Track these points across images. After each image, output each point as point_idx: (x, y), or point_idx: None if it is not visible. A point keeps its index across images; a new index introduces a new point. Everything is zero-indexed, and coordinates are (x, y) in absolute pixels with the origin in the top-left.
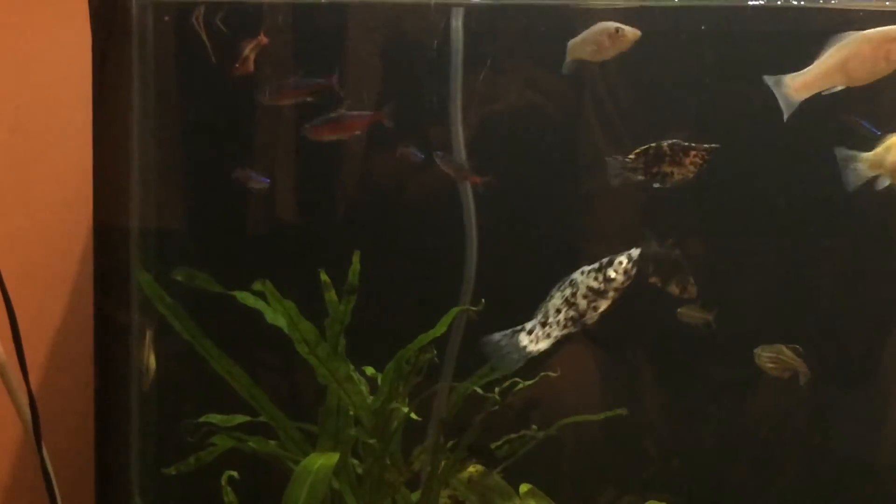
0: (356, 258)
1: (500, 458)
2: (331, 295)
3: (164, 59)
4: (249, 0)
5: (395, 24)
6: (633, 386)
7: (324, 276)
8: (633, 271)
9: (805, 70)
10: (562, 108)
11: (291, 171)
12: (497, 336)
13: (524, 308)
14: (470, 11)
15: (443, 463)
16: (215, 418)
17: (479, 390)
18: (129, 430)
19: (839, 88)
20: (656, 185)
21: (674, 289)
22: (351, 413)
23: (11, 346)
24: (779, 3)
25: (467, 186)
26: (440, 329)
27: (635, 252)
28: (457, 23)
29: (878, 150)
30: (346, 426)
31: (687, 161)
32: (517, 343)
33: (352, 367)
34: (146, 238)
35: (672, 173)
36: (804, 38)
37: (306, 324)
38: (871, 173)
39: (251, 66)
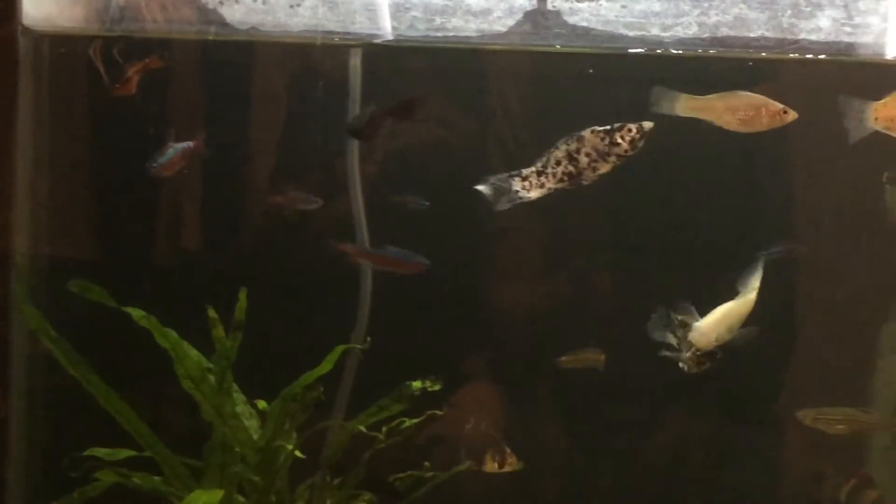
0: (243, 295)
1: (398, 492)
2: (218, 331)
3: (60, 91)
4: (147, 35)
5: (292, 62)
6: (533, 425)
7: (211, 313)
8: (641, 143)
9: None
10: (463, 144)
11: (189, 202)
12: (493, 178)
13: (420, 346)
14: (368, 51)
15: (328, 501)
16: (100, 452)
17: (364, 429)
18: (9, 464)
19: None
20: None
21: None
22: (237, 450)
23: None
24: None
25: (362, 219)
26: (326, 366)
27: (648, 125)
28: (355, 62)
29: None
30: (231, 462)
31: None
32: (510, 187)
33: (244, 399)
34: (37, 267)
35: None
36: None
37: (192, 359)
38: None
39: (133, 88)
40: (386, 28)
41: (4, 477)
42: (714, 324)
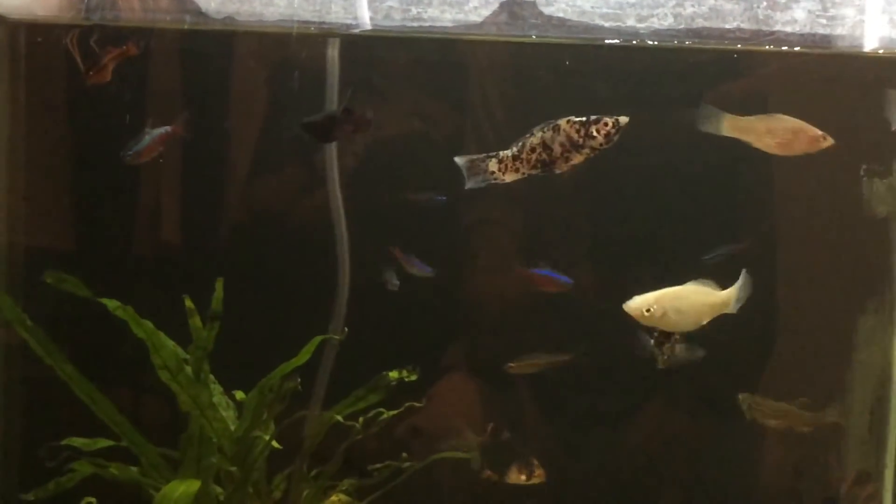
0: (219, 285)
1: (371, 476)
2: (195, 321)
3: (36, 79)
4: (124, 25)
5: (270, 53)
6: (510, 416)
7: (188, 303)
8: (615, 138)
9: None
10: (442, 135)
11: (167, 192)
12: (472, 156)
13: (395, 339)
14: (345, 41)
15: (305, 492)
16: (77, 442)
17: (341, 419)
18: None
19: None
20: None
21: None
22: (213, 440)
23: None
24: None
25: (340, 212)
26: (303, 357)
27: (623, 119)
28: (332, 52)
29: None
30: (208, 453)
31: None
32: (486, 167)
33: (220, 390)
34: (12, 257)
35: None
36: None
37: (168, 349)
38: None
39: (108, 76)
40: (364, 18)
41: None
42: (649, 298)
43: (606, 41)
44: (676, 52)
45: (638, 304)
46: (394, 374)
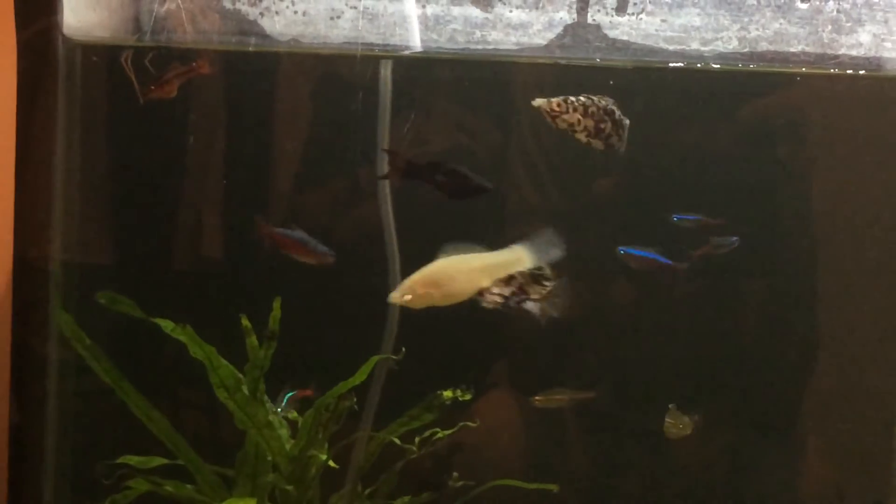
0: (277, 304)
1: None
2: (251, 340)
3: (92, 98)
4: (179, 45)
5: (325, 73)
6: (557, 436)
7: (245, 322)
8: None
9: None
10: (489, 154)
11: (218, 209)
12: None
13: (446, 358)
14: (399, 62)
15: None
16: (132, 460)
17: (397, 440)
18: (45, 471)
19: None
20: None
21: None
22: (269, 459)
23: None
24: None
25: (392, 232)
26: (360, 377)
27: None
28: (385, 72)
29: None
30: (263, 472)
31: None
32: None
33: (273, 409)
34: (68, 274)
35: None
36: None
37: (226, 369)
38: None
39: (173, 91)
40: (416, 40)
41: (40, 484)
42: (404, 286)
43: (670, 64)
44: (740, 75)
45: (396, 295)
46: (448, 394)
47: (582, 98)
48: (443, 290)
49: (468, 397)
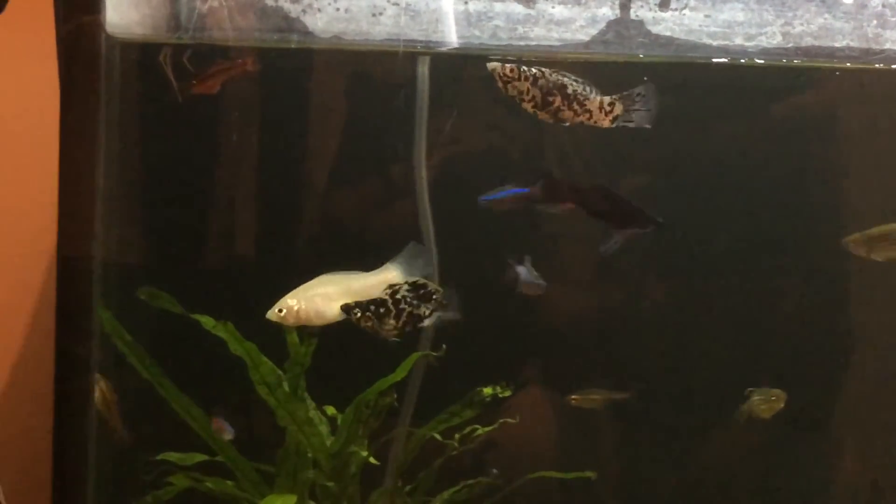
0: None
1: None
2: (292, 337)
3: (131, 96)
4: (221, 43)
5: (363, 69)
6: (593, 431)
7: None
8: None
9: None
10: (524, 152)
11: (254, 206)
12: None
13: (483, 354)
14: (436, 58)
15: None
16: (173, 457)
17: (438, 436)
18: (87, 468)
19: None
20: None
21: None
22: (309, 455)
23: None
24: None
25: (429, 226)
26: (400, 374)
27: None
28: (423, 69)
29: None
30: (303, 468)
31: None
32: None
33: (313, 406)
34: (110, 273)
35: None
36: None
37: (267, 366)
38: None
39: (215, 88)
40: (452, 36)
41: (84, 480)
42: (281, 302)
43: (713, 60)
44: (784, 70)
45: (273, 312)
46: (488, 391)
47: (534, 69)
48: (319, 311)
49: (508, 394)
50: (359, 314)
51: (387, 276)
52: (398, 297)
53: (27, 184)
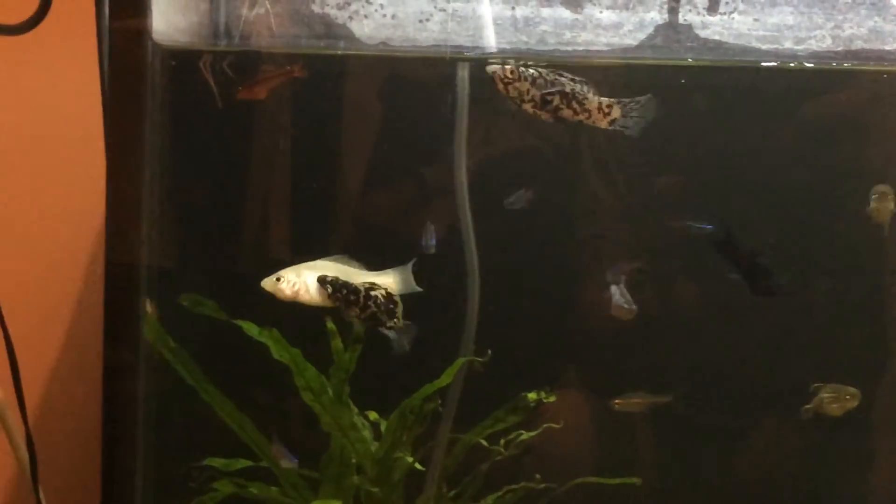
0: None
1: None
2: (336, 343)
3: (172, 102)
4: (260, 49)
5: (403, 75)
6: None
7: (330, 325)
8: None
9: None
10: (562, 153)
11: (297, 210)
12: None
13: (524, 359)
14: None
15: None
16: (217, 462)
17: (485, 442)
18: (135, 473)
19: None
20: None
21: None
22: (353, 461)
23: (10, 385)
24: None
25: (470, 233)
26: (446, 379)
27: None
28: (463, 73)
29: None
30: (348, 474)
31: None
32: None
33: (356, 411)
34: (156, 279)
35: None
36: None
37: (311, 371)
38: None
39: (263, 94)
40: (490, 41)
41: (131, 485)
42: (284, 271)
43: (763, 63)
44: (834, 73)
45: (270, 279)
46: (532, 396)
47: (532, 70)
48: (314, 291)
49: (552, 399)
50: (330, 290)
51: (383, 280)
52: (372, 294)
53: (64, 188)
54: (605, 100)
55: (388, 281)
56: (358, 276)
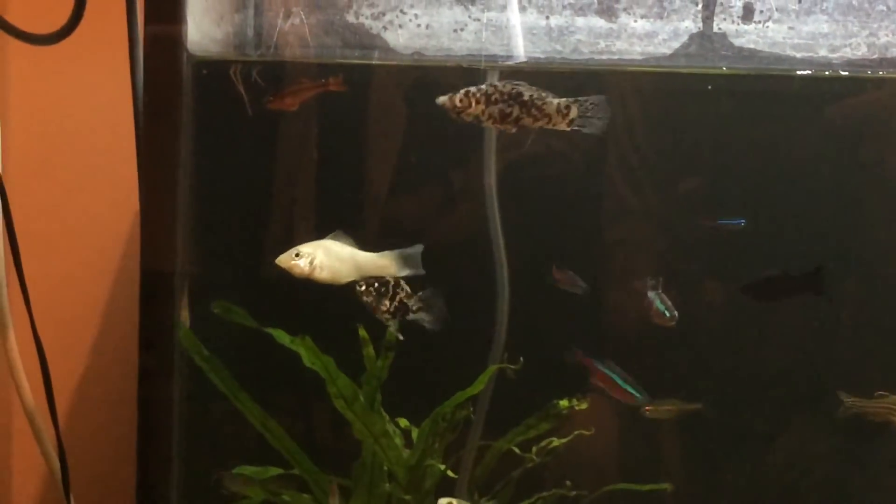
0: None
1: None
2: (368, 350)
3: (203, 112)
4: (290, 59)
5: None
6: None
7: (362, 332)
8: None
9: None
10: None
11: (329, 219)
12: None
13: (553, 365)
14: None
15: None
16: (248, 471)
17: (517, 449)
18: (169, 480)
19: None
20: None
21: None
22: (385, 468)
23: (42, 393)
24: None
25: (499, 240)
26: (478, 386)
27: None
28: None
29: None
30: (380, 481)
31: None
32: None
33: (387, 418)
34: (190, 286)
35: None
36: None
37: (344, 379)
38: None
39: (295, 105)
40: (519, 50)
41: (166, 494)
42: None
43: (798, 72)
44: (869, 81)
45: (288, 255)
46: (564, 403)
47: (483, 87)
48: (333, 269)
49: (584, 406)
50: (363, 286)
51: (382, 262)
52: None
53: (94, 195)
54: (562, 101)
55: (389, 263)
56: (362, 255)
